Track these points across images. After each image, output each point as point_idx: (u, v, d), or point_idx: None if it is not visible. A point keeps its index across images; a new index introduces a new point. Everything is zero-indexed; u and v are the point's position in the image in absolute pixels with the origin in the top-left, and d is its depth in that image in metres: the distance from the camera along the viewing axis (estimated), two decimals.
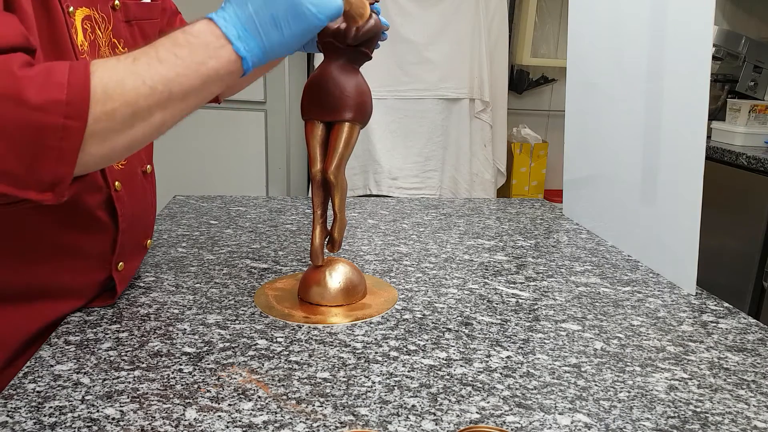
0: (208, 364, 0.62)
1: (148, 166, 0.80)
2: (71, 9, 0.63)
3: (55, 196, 0.54)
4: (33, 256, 0.68)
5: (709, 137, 2.37)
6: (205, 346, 0.66)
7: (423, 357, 0.66)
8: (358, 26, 0.70)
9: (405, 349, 0.67)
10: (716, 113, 2.54)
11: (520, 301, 0.83)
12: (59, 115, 0.50)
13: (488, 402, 0.58)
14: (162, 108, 0.56)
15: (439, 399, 0.58)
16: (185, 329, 0.70)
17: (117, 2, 0.72)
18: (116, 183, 0.71)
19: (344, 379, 0.61)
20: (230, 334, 0.69)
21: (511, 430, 0.54)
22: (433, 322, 0.75)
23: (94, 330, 0.69)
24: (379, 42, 0.77)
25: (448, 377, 0.62)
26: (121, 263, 0.75)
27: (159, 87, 0.55)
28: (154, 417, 0.53)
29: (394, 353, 0.66)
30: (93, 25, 0.68)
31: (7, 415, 0.53)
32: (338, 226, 0.77)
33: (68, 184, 0.54)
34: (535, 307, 0.81)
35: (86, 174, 0.58)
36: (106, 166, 0.58)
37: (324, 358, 0.65)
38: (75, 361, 0.62)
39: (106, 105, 0.52)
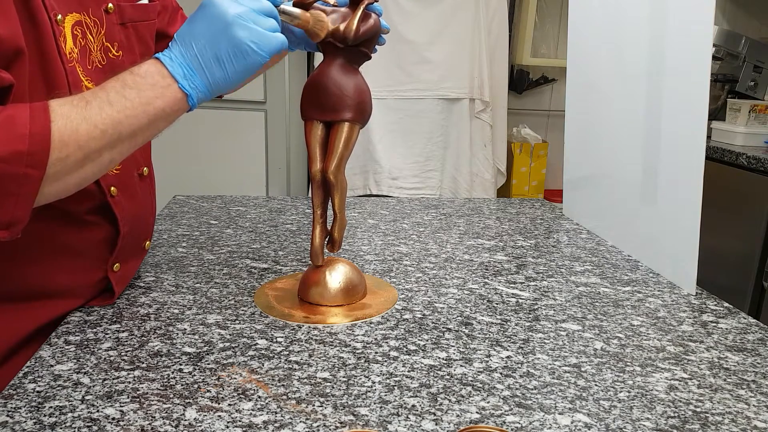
0: (208, 364, 0.62)
1: (145, 169, 0.80)
2: (59, 17, 0.63)
3: (9, 234, 0.56)
4: (29, 257, 0.68)
5: (709, 137, 2.37)
6: (205, 346, 0.66)
7: (423, 357, 0.66)
8: (319, 41, 0.72)
9: (405, 349, 0.67)
10: (716, 113, 2.54)
11: (520, 301, 0.83)
12: (21, 164, 0.53)
13: (488, 402, 0.58)
14: (111, 148, 0.59)
15: (439, 399, 0.58)
16: (185, 329, 0.70)
17: (111, 5, 0.72)
18: (112, 188, 0.71)
19: (344, 379, 0.61)
20: (230, 334, 0.69)
21: (511, 430, 0.54)
22: (433, 322, 0.75)
23: (94, 330, 0.69)
24: (376, 45, 0.77)
25: (448, 377, 0.62)
26: (117, 264, 0.75)
27: (109, 130, 0.58)
28: (154, 417, 0.53)
29: (394, 353, 0.66)
30: (84, 31, 0.68)
31: (7, 415, 0.53)
32: (338, 226, 0.77)
33: (24, 225, 0.57)
34: (535, 307, 0.81)
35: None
36: (56, 199, 0.62)
37: (324, 358, 0.65)
38: (75, 361, 0.62)
39: (61, 152, 0.55)
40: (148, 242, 0.83)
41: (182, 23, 0.91)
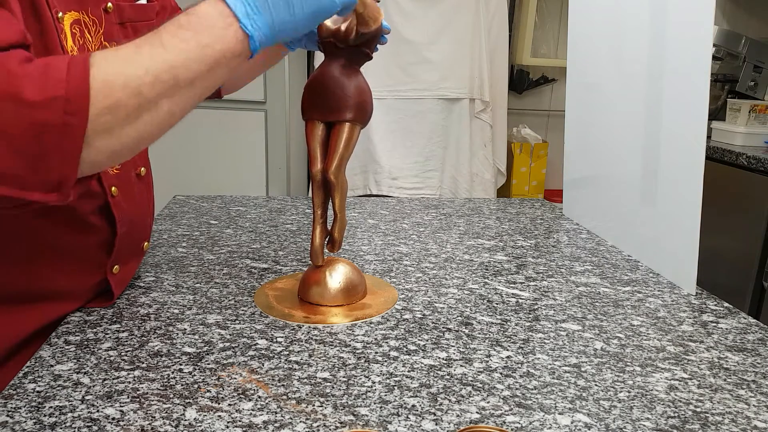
0: (208, 364, 0.62)
1: (143, 169, 0.80)
2: (60, 14, 0.63)
3: (60, 197, 0.52)
4: (28, 259, 0.67)
5: (709, 137, 2.37)
6: (205, 346, 0.66)
7: (423, 357, 0.66)
8: (368, 30, 0.70)
9: (405, 349, 0.67)
10: (716, 113, 2.54)
11: (520, 301, 0.83)
12: (59, 111, 0.49)
13: (488, 402, 0.58)
14: (168, 97, 0.54)
15: (439, 399, 0.58)
16: (185, 329, 0.70)
17: (110, 4, 0.71)
18: (113, 188, 0.70)
19: (344, 379, 0.61)
20: (230, 334, 0.69)
21: (511, 430, 0.54)
22: (433, 322, 0.75)
23: (94, 330, 0.69)
24: (377, 45, 0.77)
25: (448, 377, 0.62)
26: (116, 266, 0.75)
27: (164, 75, 0.53)
28: (154, 417, 0.53)
29: (394, 353, 0.66)
30: (82, 29, 0.67)
31: (7, 415, 0.53)
32: (338, 226, 0.77)
33: (73, 183, 0.53)
34: (535, 307, 0.81)
35: (91, 175, 0.57)
36: (117, 162, 0.56)
37: (324, 358, 0.65)
38: (75, 361, 0.62)
39: (108, 98, 0.51)
40: (146, 243, 0.83)
41: None
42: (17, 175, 0.50)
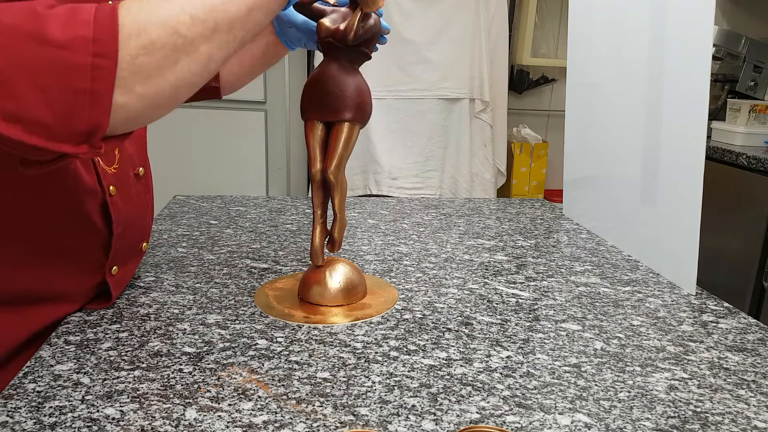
0: (208, 364, 0.62)
1: (141, 169, 0.79)
2: None
3: (90, 149, 0.51)
4: (26, 261, 0.67)
5: (709, 137, 2.37)
6: (205, 346, 0.66)
7: (423, 357, 0.66)
8: (373, 9, 0.69)
9: (405, 349, 0.67)
10: (716, 113, 2.54)
11: (520, 301, 0.83)
12: (86, 53, 0.47)
13: (488, 402, 0.58)
14: (207, 40, 0.52)
15: (439, 399, 0.58)
16: (185, 329, 0.70)
17: (110, 2, 0.71)
18: (110, 188, 0.70)
19: (344, 379, 0.61)
20: (230, 334, 0.69)
21: (511, 430, 0.54)
22: (433, 322, 0.75)
23: (94, 330, 0.69)
24: (377, 45, 0.77)
25: (448, 377, 0.62)
26: (115, 267, 0.75)
27: (201, 15, 0.52)
28: (154, 417, 0.53)
29: (394, 353, 0.66)
30: None
31: (7, 415, 0.53)
32: (338, 226, 0.77)
33: (104, 133, 0.51)
34: (535, 307, 0.81)
35: (125, 134, 0.54)
36: (154, 116, 0.55)
37: (324, 358, 0.65)
38: (75, 361, 0.62)
39: (141, 38, 0.49)
40: (145, 244, 0.83)
41: None
42: (46, 124, 0.48)
